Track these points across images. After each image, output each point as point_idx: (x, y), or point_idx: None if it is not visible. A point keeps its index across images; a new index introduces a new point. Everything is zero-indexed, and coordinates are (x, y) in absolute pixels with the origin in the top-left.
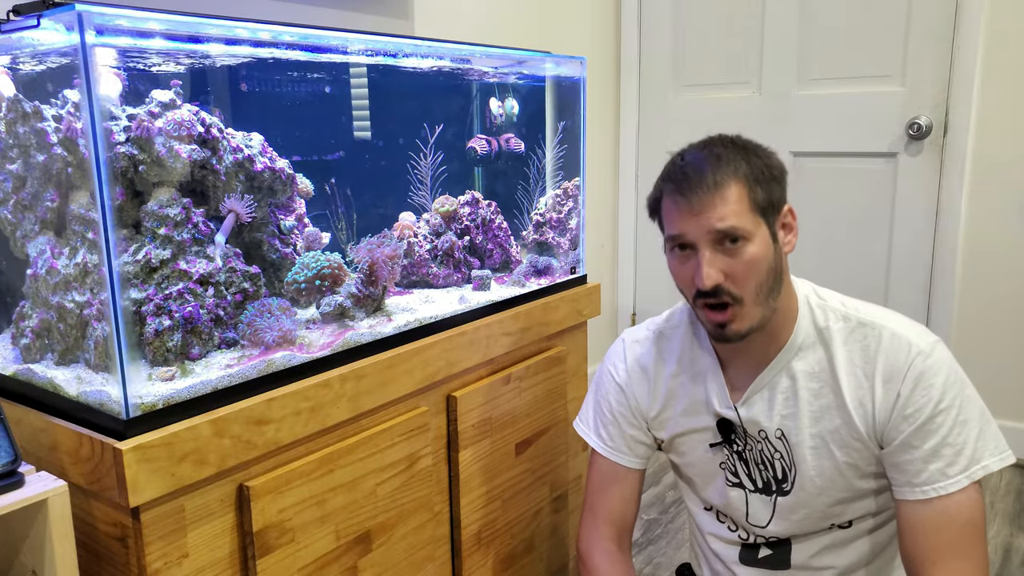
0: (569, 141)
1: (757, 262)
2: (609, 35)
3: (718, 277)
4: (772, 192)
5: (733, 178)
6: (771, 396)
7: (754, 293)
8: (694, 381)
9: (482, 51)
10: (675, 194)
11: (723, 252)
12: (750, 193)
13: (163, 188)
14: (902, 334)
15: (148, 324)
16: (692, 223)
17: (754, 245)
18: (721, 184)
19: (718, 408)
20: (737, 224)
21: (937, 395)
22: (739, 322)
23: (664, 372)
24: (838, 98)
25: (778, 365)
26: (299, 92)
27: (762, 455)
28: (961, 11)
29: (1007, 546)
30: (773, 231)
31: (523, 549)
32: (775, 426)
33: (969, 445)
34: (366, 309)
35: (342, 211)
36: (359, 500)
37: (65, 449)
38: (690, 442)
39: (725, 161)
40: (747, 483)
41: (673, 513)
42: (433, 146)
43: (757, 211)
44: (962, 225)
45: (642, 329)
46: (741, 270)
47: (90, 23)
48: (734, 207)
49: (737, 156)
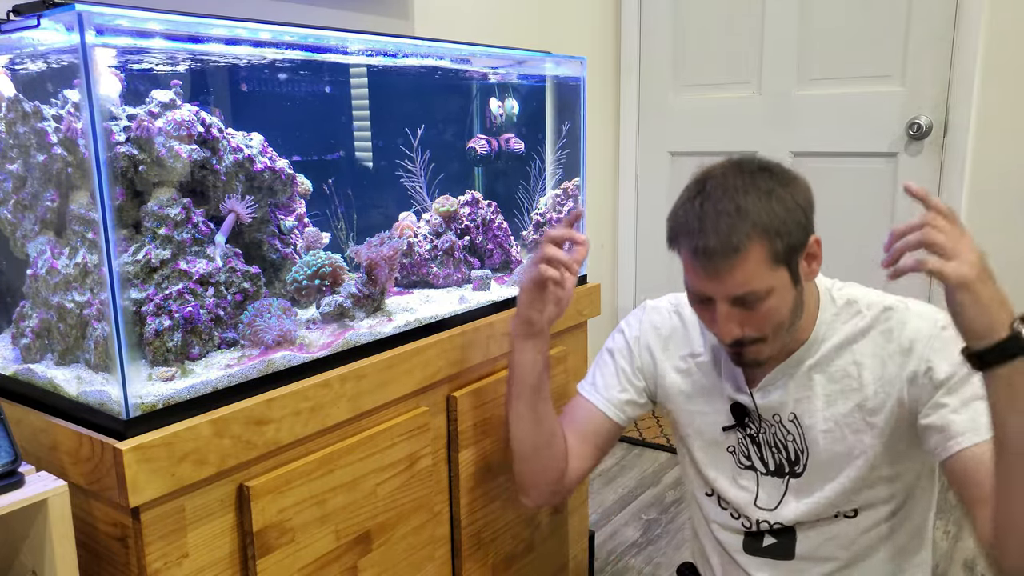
0: (569, 141)
1: (775, 312)
2: (609, 35)
3: (738, 332)
4: (794, 237)
5: (753, 240)
6: (786, 383)
7: (774, 332)
8: (711, 363)
9: (482, 51)
10: (692, 253)
11: (741, 306)
12: (770, 248)
13: (163, 188)
14: (925, 311)
15: (148, 324)
16: (708, 286)
17: (773, 299)
18: (740, 248)
19: (732, 393)
20: (755, 288)
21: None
22: (757, 354)
23: (678, 348)
24: (838, 98)
25: (799, 358)
26: (299, 92)
27: (775, 438)
28: (961, 11)
29: None
30: (795, 272)
31: (523, 549)
32: (789, 409)
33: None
34: (366, 309)
35: (342, 211)
36: (359, 500)
37: (65, 449)
38: (702, 423)
39: (743, 215)
40: (759, 466)
41: (673, 513)
42: (433, 146)
43: (778, 262)
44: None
45: (664, 301)
46: (759, 321)
47: (90, 23)
48: (753, 270)
49: (759, 203)
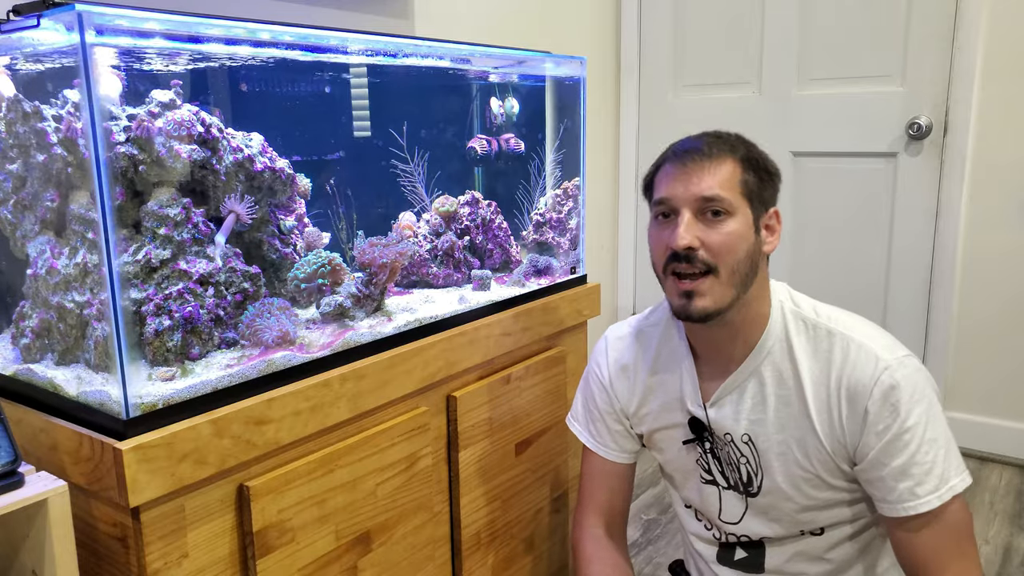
0: (569, 141)
1: (736, 238)
2: (609, 35)
3: (693, 240)
4: (763, 185)
5: (729, 155)
6: (739, 399)
7: (729, 270)
8: (670, 377)
9: (482, 51)
10: (671, 161)
11: (704, 222)
12: (743, 175)
13: (163, 188)
14: (870, 347)
15: (148, 324)
16: (680, 187)
17: (735, 222)
18: (716, 157)
19: (690, 406)
20: (723, 195)
21: (904, 412)
22: (706, 298)
23: (642, 368)
24: (838, 98)
25: (748, 368)
26: (299, 92)
27: (729, 457)
28: (961, 11)
29: (1007, 546)
30: (757, 221)
31: (523, 549)
32: (742, 430)
33: (938, 464)
34: (366, 309)
35: (342, 211)
36: (359, 500)
37: (65, 449)
38: (667, 438)
39: (724, 141)
40: (720, 480)
41: (673, 513)
42: (432, 146)
43: (745, 194)
44: (962, 225)
45: (624, 326)
46: (718, 241)
47: (90, 23)
48: (724, 179)
49: (736, 141)
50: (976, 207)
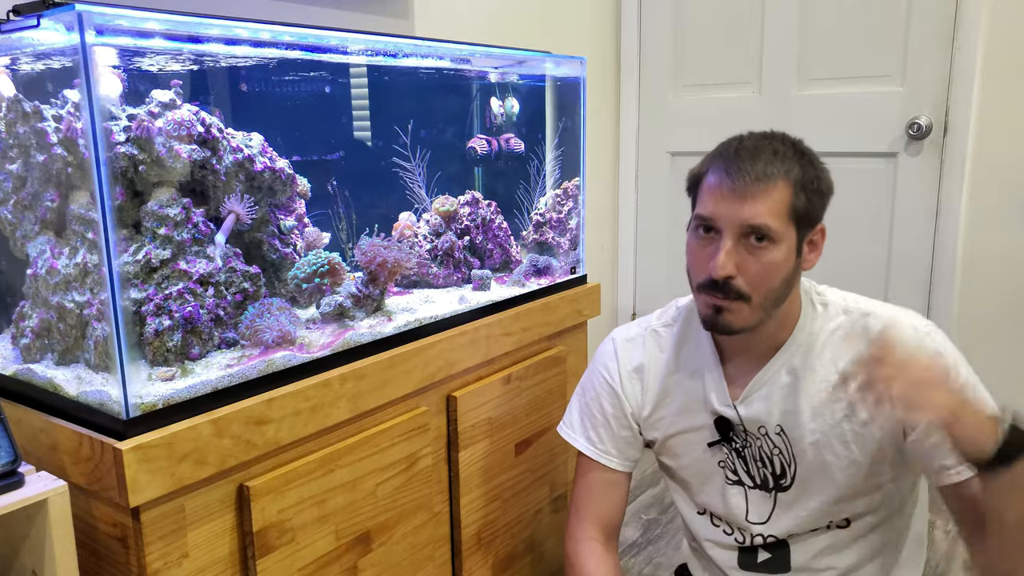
0: (569, 141)
1: (774, 269)
2: (609, 35)
3: (731, 270)
4: (813, 205)
5: (783, 177)
6: (770, 393)
7: (762, 298)
8: (691, 378)
9: (482, 51)
10: (721, 172)
11: (745, 247)
12: (793, 198)
13: (163, 188)
14: (903, 320)
15: (148, 324)
16: (726, 208)
17: (777, 251)
18: (769, 178)
19: (716, 406)
20: (770, 224)
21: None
22: (734, 317)
23: (658, 371)
24: (838, 98)
25: (777, 362)
26: (299, 92)
27: (761, 452)
28: (961, 11)
29: None
30: (800, 243)
31: (523, 549)
32: (775, 422)
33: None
34: (366, 309)
35: (342, 211)
36: (359, 500)
37: (65, 449)
38: (685, 443)
39: (780, 158)
40: (746, 480)
41: (673, 513)
42: (432, 146)
43: (793, 218)
44: (962, 225)
45: (634, 327)
46: (756, 271)
47: (90, 23)
48: (773, 206)
49: (794, 158)
50: (976, 207)
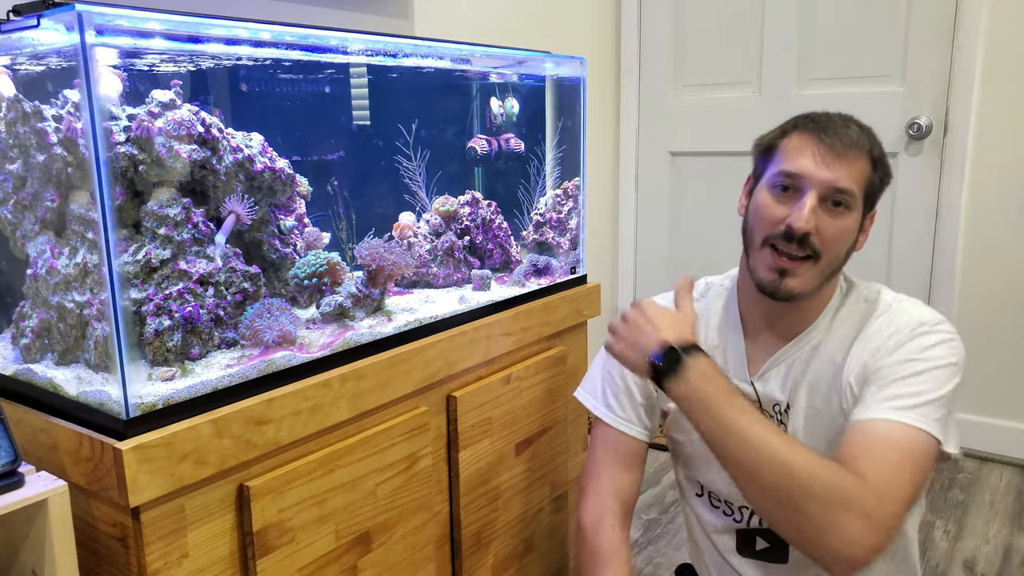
0: (569, 141)
1: (846, 235)
2: (609, 35)
3: (814, 227)
4: (882, 186)
5: (868, 151)
6: (787, 371)
7: (829, 260)
8: (713, 352)
9: (482, 51)
10: (815, 132)
11: (824, 209)
12: (870, 175)
13: (163, 188)
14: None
15: (148, 324)
16: (816, 167)
17: (851, 218)
18: (860, 147)
19: (734, 380)
20: (854, 190)
21: (923, 352)
22: (797, 280)
23: None
24: (838, 98)
25: (801, 342)
26: (299, 92)
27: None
28: (961, 11)
29: (1007, 546)
30: (863, 220)
31: (523, 549)
32: (786, 399)
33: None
34: (366, 309)
35: (342, 211)
36: (359, 500)
37: (65, 449)
38: None
39: (866, 135)
40: None
41: (673, 513)
42: (432, 146)
43: (867, 192)
44: (962, 225)
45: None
46: (832, 232)
47: (90, 23)
48: (858, 174)
49: (871, 136)
50: (976, 207)
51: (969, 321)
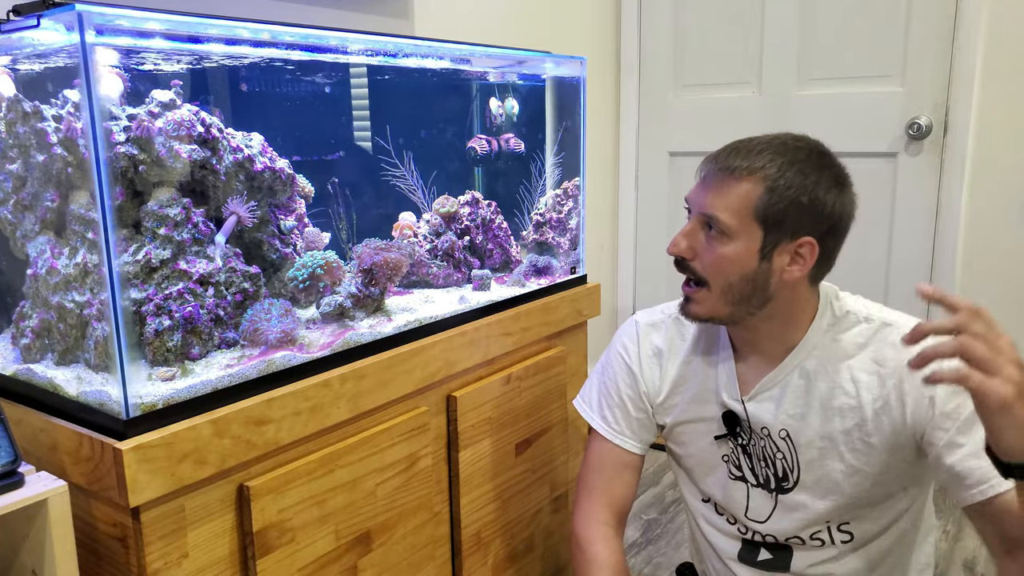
0: (569, 141)
1: (726, 262)
2: (609, 35)
3: (684, 250)
4: (790, 215)
5: (752, 176)
6: (781, 395)
7: (720, 288)
8: (706, 369)
9: (482, 51)
10: (705, 162)
11: (705, 236)
12: (760, 200)
13: (163, 188)
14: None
15: (148, 324)
16: (695, 192)
17: (732, 246)
18: (737, 173)
19: (726, 399)
20: (720, 217)
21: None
22: (698, 306)
23: (677, 357)
24: (838, 98)
25: (790, 364)
26: (299, 92)
27: (764, 452)
28: (961, 11)
29: None
30: (766, 247)
31: (523, 549)
32: (780, 426)
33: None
34: (366, 309)
35: (342, 211)
36: (359, 500)
37: (65, 449)
38: (693, 432)
39: (763, 158)
40: (750, 477)
41: (673, 513)
42: (433, 146)
43: (758, 219)
44: (962, 225)
45: (657, 312)
46: (709, 259)
47: (90, 23)
48: (732, 201)
49: (780, 162)
50: (976, 207)
51: None
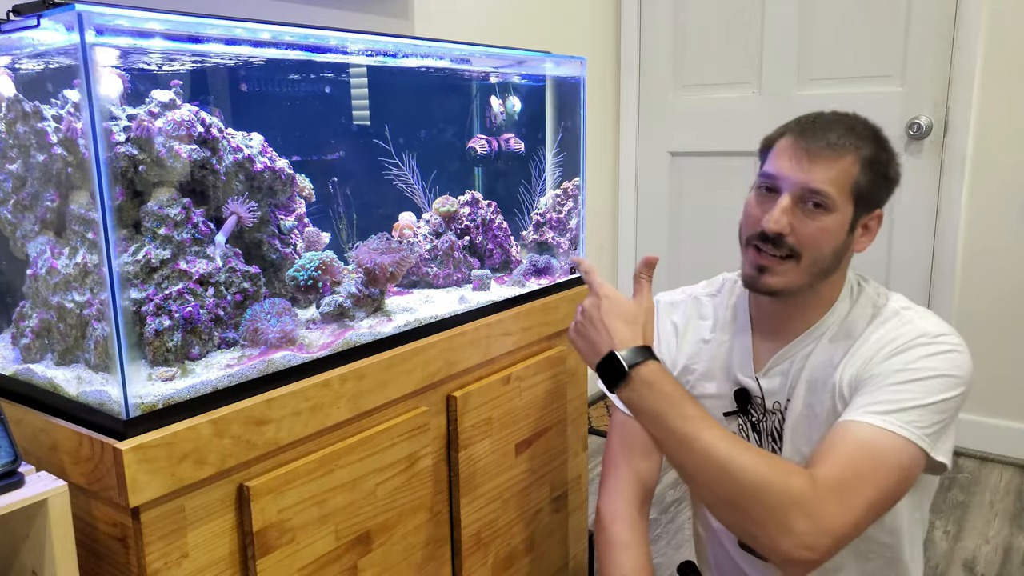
0: (569, 141)
1: (826, 235)
2: (609, 35)
3: (784, 226)
4: (877, 188)
5: (853, 152)
6: (789, 369)
7: (811, 260)
8: (722, 346)
9: (482, 51)
10: (796, 135)
11: (802, 209)
12: (858, 175)
13: (163, 188)
14: (925, 325)
15: (148, 324)
16: (792, 169)
17: (832, 219)
18: (839, 148)
19: (739, 375)
20: (830, 191)
21: (916, 361)
22: (777, 278)
23: (692, 335)
24: (838, 98)
25: (805, 340)
26: (299, 92)
27: (773, 428)
28: (961, 11)
29: (1007, 546)
30: (855, 221)
31: (523, 549)
32: (787, 397)
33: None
34: (366, 309)
35: (342, 211)
36: (359, 500)
37: (65, 449)
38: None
39: (855, 135)
40: None
41: (673, 513)
42: (432, 146)
43: (853, 193)
44: (962, 225)
45: (677, 293)
46: (809, 233)
47: (90, 23)
48: (837, 175)
49: (868, 138)
50: (976, 207)
51: (969, 321)
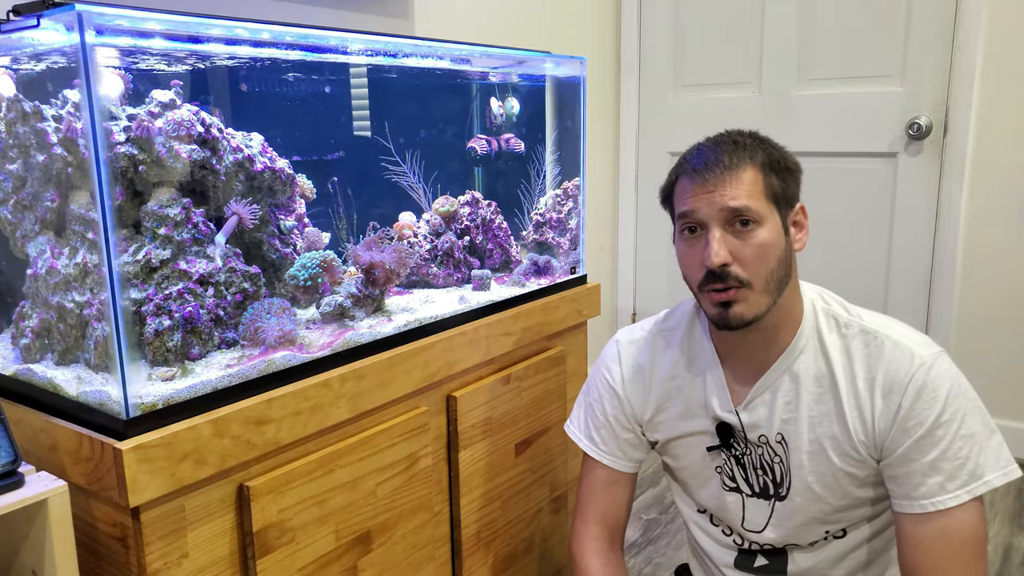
0: (569, 141)
1: (767, 247)
2: (609, 35)
3: (726, 256)
4: (787, 183)
5: (749, 163)
6: (773, 400)
7: (764, 280)
8: (693, 382)
9: (482, 51)
10: (690, 173)
11: (733, 234)
12: (765, 179)
13: (163, 188)
14: (904, 344)
15: (148, 324)
16: (704, 200)
17: (765, 230)
18: (736, 166)
19: (718, 411)
20: (749, 204)
21: (939, 407)
22: (743, 306)
23: (660, 374)
24: (838, 98)
25: (780, 367)
26: (299, 92)
27: (762, 460)
28: (961, 11)
29: (1007, 546)
30: (785, 223)
31: (523, 549)
32: (776, 430)
33: (971, 460)
34: (366, 309)
35: (342, 211)
36: (359, 500)
37: (65, 449)
38: (686, 445)
39: (742, 147)
40: (744, 487)
41: (673, 513)
42: (433, 146)
43: (770, 198)
44: (962, 225)
45: (637, 330)
46: (750, 253)
47: (90, 23)
48: (747, 189)
49: (754, 145)
50: (976, 207)
51: (969, 321)
